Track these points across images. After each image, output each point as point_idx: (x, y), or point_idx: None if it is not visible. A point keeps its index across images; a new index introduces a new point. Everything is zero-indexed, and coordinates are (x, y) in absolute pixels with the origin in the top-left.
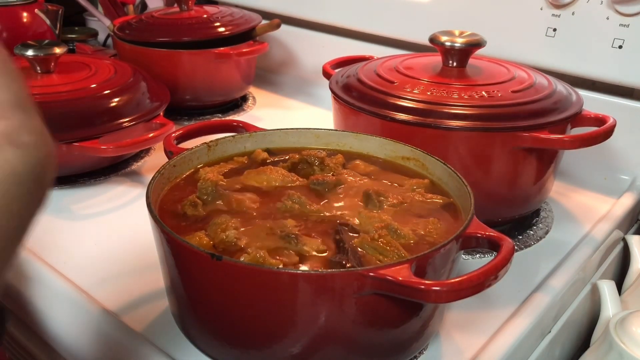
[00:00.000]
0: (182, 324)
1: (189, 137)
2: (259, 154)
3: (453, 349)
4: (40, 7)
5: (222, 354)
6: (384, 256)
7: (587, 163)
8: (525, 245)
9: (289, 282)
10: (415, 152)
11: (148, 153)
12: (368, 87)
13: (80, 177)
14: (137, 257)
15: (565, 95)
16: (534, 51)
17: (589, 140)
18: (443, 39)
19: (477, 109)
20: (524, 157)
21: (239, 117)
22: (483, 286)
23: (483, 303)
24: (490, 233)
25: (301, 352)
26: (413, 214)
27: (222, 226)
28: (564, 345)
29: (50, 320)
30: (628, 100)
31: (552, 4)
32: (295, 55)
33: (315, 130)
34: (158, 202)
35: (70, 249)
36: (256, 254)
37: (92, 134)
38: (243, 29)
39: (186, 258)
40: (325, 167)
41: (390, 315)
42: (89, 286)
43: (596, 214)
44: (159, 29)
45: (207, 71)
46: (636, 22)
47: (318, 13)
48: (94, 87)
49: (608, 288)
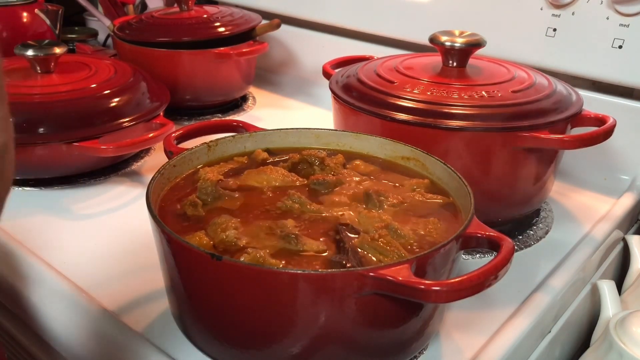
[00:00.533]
0: (182, 324)
1: (189, 137)
2: (259, 154)
3: (453, 349)
4: (40, 7)
5: (222, 354)
6: (384, 256)
7: (587, 163)
8: (525, 245)
9: (289, 282)
10: (415, 152)
11: (148, 153)
12: (368, 87)
13: (80, 177)
14: (137, 257)
15: (565, 95)
16: (534, 51)
17: (589, 140)
18: (443, 39)
19: (477, 109)
20: (524, 157)
21: (239, 117)
22: (483, 286)
23: (483, 303)
24: (490, 233)
25: (301, 352)
26: (413, 214)
27: (222, 226)
28: (564, 345)
29: (50, 320)
30: (628, 100)
31: (552, 4)
32: (295, 55)
33: (315, 130)
34: (158, 202)
35: (70, 249)
36: (256, 254)
37: (92, 134)
38: (243, 29)
39: (186, 258)
40: (325, 167)
41: (390, 315)
42: (89, 286)
43: (596, 214)
44: (159, 29)
45: (207, 71)
46: (636, 22)
47: (318, 13)
48: (94, 87)
49: (608, 288)
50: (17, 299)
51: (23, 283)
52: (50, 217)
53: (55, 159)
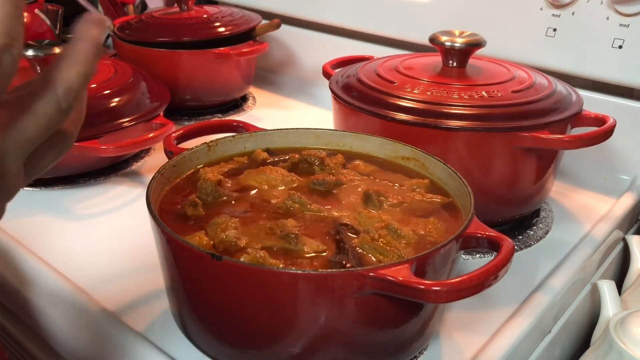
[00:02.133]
0: (182, 324)
1: (189, 137)
2: (259, 154)
3: (453, 349)
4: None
5: (222, 354)
6: (384, 256)
7: (587, 163)
8: (525, 245)
9: (289, 282)
10: (415, 152)
11: (148, 153)
12: (368, 87)
13: (80, 177)
14: (137, 257)
15: (565, 95)
16: (534, 51)
17: (589, 140)
18: (443, 39)
19: (477, 109)
20: (524, 157)
21: (239, 117)
22: (483, 286)
23: (483, 303)
24: (490, 233)
25: (301, 352)
26: (413, 214)
27: (222, 226)
28: (564, 345)
29: (50, 320)
30: (628, 100)
31: (552, 4)
32: (295, 55)
33: (315, 130)
34: (158, 202)
35: (70, 249)
36: (256, 254)
37: (92, 134)
38: (243, 29)
39: (186, 258)
40: (325, 167)
41: (390, 315)
42: (89, 286)
43: (596, 214)
44: (159, 29)
45: (207, 71)
46: (636, 22)
47: (318, 13)
48: (94, 87)
49: (608, 288)
50: (17, 299)
51: (23, 283)
52: (50, 217)
53: None
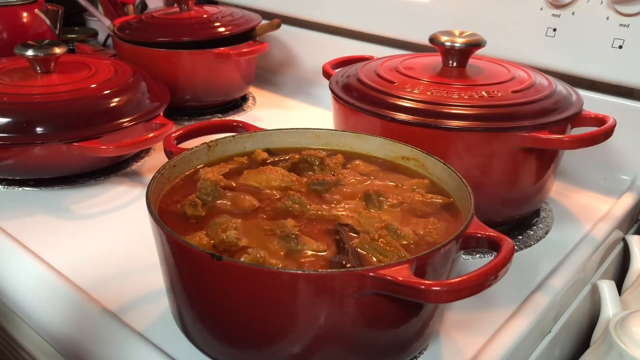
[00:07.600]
0: (182, 324)
1: (189, 137)
2: (259, 154)
3: (453, 349)
4: (40, 7)
5: (222, 354)
6: (384, 256)
7: (587, 163)
8: (525, 245)
9: (289, 282)
10: (415, 152)
11: (148, 153)
12: (368, 87)
13: (80, 177)
14: (137, 257)
15: (565, 95)
16: (534, 51)
17: (589, 140)
18: (443, 39)
19: (477, 109)
20: (524, 157)
21: (239, 117)
22: (483, 286)
23: (483, 303)
24: (490, 233)
25: (301, 352)
26: (413, 214)
27: (223, 226)
28: (564, 345)
29: (50, 321)
30: (628, 100)
31: (552, 4)
32: (295, 55)
33: (315, 130)
34: (158, 202)
35: (70, 249)
36: (256, 254)
37: (92, 134)
38: (243, 29)
39: (186, 258)
40: (325, 167)
41: (390, 315)
42: (89, 286)
43: (596, 214)
44: (159, 29)
45: (207, 71)
46: (636, 22)
47: (318, 13)
48: (94, 87)
49: (608, 288)
50: (16, 298)
51: (23, 283)
52: (50, 217)
53: (55, 159)
